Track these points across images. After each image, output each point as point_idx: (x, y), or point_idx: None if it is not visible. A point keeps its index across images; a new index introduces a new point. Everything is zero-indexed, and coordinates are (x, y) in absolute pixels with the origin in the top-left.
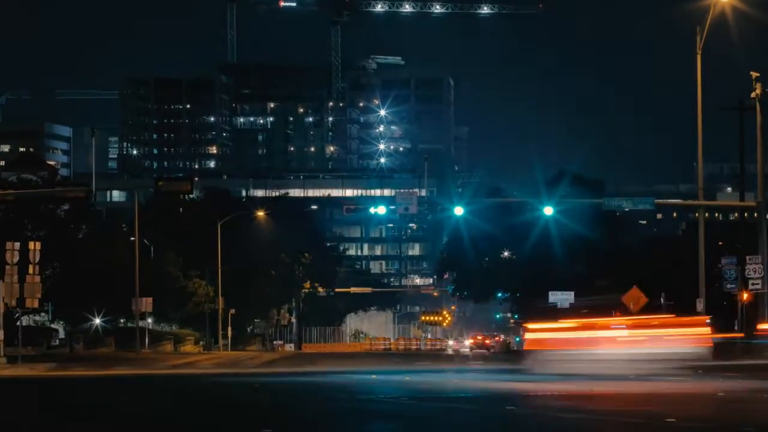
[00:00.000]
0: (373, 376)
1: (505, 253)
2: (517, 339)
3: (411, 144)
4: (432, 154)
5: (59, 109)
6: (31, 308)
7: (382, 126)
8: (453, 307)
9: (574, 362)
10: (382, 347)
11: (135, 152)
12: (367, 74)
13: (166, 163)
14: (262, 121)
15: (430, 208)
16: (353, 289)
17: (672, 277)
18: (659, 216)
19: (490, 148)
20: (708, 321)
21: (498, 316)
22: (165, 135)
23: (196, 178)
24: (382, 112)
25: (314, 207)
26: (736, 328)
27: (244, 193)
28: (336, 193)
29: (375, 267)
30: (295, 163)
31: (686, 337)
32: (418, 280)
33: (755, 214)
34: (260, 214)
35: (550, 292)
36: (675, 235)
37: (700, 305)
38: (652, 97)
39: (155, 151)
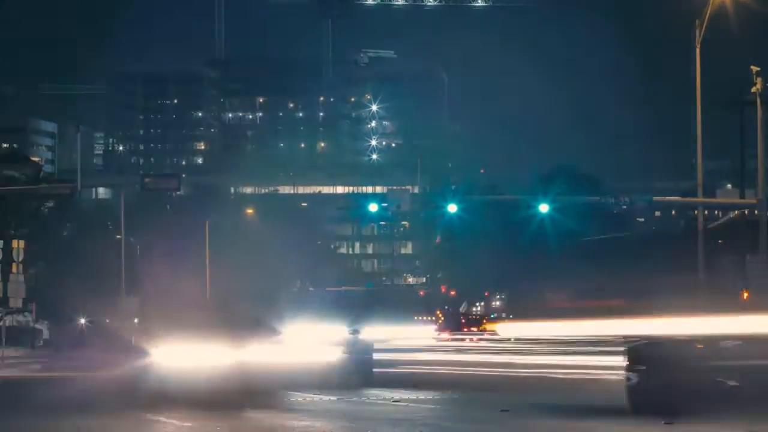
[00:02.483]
0: None
1: (500, 252)
2: None
3: (403, 140)
4: (425, 150)
5: (43, 104)
6: (15, 308)
7: (374, 121)
8: (446, 307)
9: None
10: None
11: (121, 148)
12: (358, 68)
13: (152, 159)
14: (251, 117)
15: (422, 205)
16: (345, 288)
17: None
18: (657, 213)
19: (484, 144)
20: None
21: (492, 315)
22: (152, 131)
23: (184, 175)
24: (374, 107)
25: (304, 204)
26: None
27: (232, 190)
28: (327, 189)
29: (367, 266)
30: (284, 160)
31: None
32: (410, 280)
33: (756, 212)
34: (249, 211)
35: (545, 291)
36: (674, 233)
37: None
38: (650, 91)
39: (142, 147)
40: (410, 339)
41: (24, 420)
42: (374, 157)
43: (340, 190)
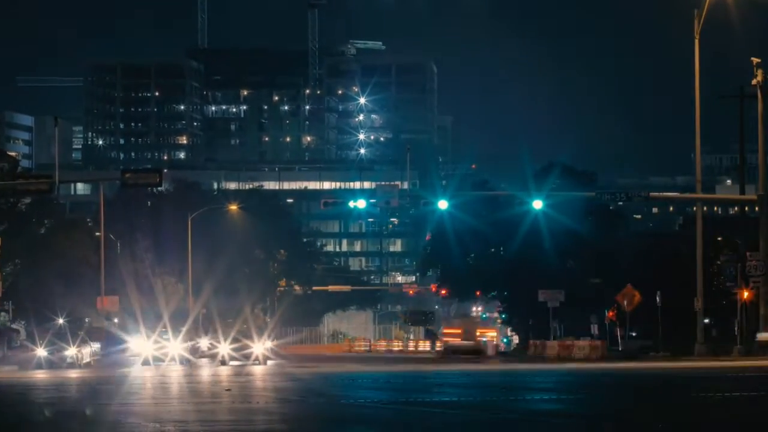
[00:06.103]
0: None
1: (492, 249)
2: (505, 340)
3: (392, 134)
4: (414, 145)
5: (20, 97)
6: None
7: (361, 115)
8: (436, 307)
9: None
10: (363, 349)
11: (100, 142)
12: (345, 60)
13: (133, 153)
14: (234, 110)
15: (412, 201)
16: (331, 287)
17: (669, 275)
18: (655, 210)
19: (475, 139)
20: None
21: (484, 316)
22: (132, 124)
23: (165, 170)
24: (362, 100)
25: (290, 200)
26: (736, 328)
27: (215, 186)
28: (313, 185)
29: (354, 264)
30: (269, 154)
31: None
32: (399, 278)
33: (756, 208)
34: (233, 207)
35: (539, 291)
36: (672, 231)
37: (698, 304)
38: (648, 85)
39: (122, 142)
40: None
41: None
42: (362, 151)
43: (326, 185)
